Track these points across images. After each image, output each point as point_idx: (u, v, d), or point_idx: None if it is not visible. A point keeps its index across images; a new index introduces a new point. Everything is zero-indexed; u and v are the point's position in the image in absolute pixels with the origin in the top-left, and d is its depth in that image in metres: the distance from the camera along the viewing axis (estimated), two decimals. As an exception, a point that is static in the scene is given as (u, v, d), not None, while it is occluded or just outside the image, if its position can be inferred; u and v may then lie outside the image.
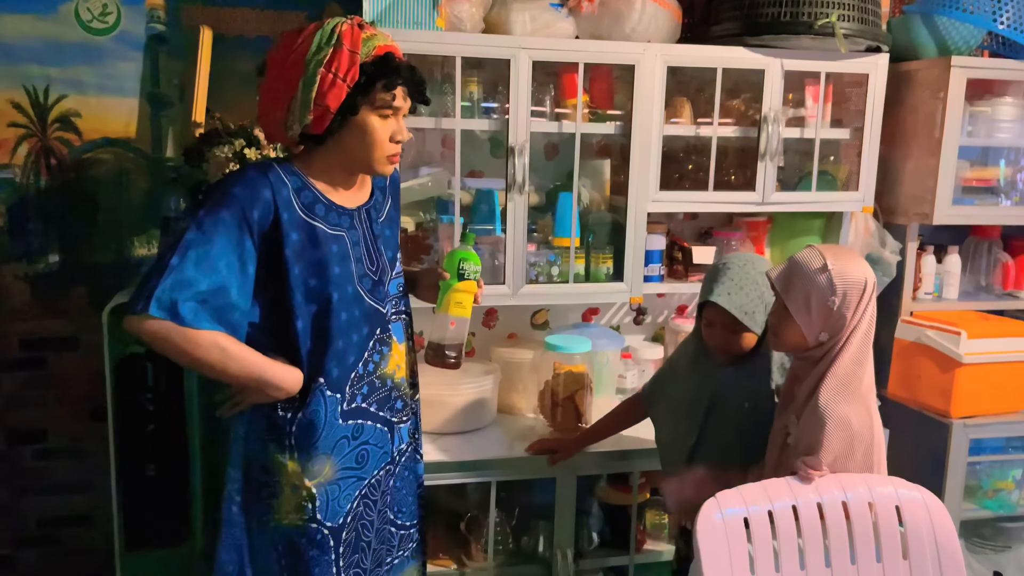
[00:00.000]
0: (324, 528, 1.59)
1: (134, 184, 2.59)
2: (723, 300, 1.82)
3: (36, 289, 2.58)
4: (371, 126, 1.53)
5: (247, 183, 1.49)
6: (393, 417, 1.70)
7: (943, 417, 2.48)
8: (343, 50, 1.47)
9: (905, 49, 2.60)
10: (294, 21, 2.60)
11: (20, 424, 2.62)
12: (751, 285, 1.83)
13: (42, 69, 2.48)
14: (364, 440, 1.65)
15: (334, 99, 1.47)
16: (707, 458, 1.94)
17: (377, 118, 1.53)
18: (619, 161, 2.46)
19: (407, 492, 1.80)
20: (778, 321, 1.73)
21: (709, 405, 1.93)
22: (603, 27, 2.30)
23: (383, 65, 1.50)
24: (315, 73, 1.46)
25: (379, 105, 1.52)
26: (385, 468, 1.70)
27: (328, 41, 1.48)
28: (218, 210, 1.47)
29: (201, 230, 1.45)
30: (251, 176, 1.51)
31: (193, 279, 1.44)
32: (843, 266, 1.63)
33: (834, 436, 1.61)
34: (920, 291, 2.71)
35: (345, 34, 1.48)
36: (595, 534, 2.36)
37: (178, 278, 1.43)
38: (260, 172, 1.52)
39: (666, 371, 2.15)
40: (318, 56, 1.47)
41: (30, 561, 2.68)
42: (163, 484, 2.11)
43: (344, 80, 1.47)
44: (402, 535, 1.80)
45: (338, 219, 1.59)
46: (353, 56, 1.47)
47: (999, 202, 2.72)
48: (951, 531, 1.63)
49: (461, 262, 1.69)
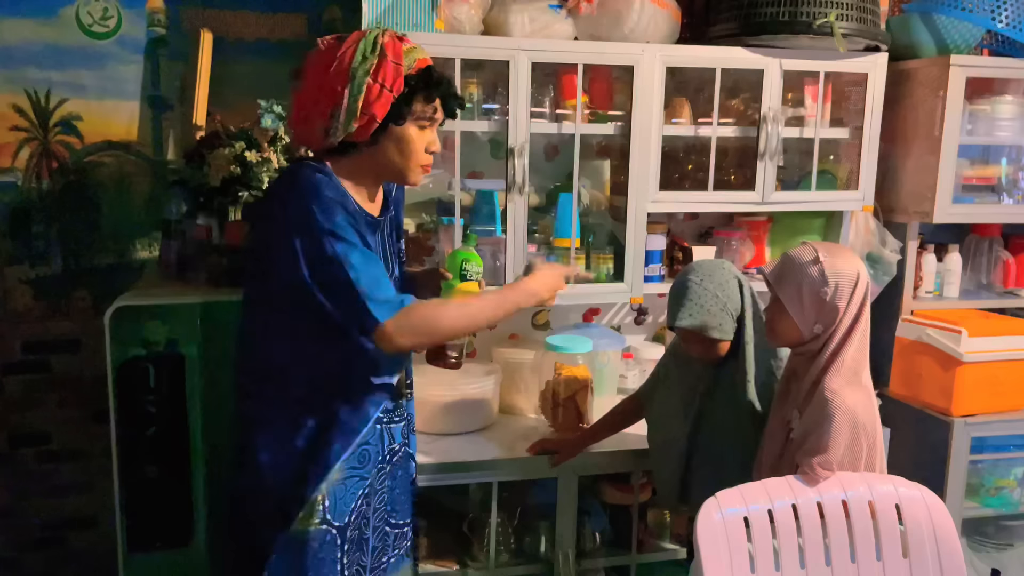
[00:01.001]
0: (332, 528, 1.62)
1: (135, 187, 2.60)
2: (687, 323, 1.87)
3: (38, 292, 2.59)
4: (410, 136, 1.56)
5: (330, 186, 1.51)
6: (384, 417, 1.72)
7: (944, 415, 2.48)
8: (388, 61, 1.50)
9: (904, 48, 2.60)
10: (294, 23, 2.61)
11: (23, 427, 2.62)
12: (711, 300, 1.87)
13: (43, 73, 2.48)
14: (365, 440, 1.66)
15: (380, 109, 1.50)
16: (701, 460, 1.97)
17: (416, 128, 1.57)
18: (619, 161, 2.46)
19: (400, 491, 1.81)
20: (773, 316, 1.76)
21: (700, 406, 1.97)
22: (602, 28, 2.31)
23: (426, 78, 1.54)
24: (362, 83, 1.49)
25: (419, 116, 1.56)
26: (379, 467, 1.72)
27: (372, 51, 1.50)
28: (333, 216, 1.47)
29: (341, 238, 1.47)
30: (322, 180, 1.51)
31: (377, 273, 1.49)
32: (834, 259, 1.68)
33: (843, 428, 1.62)
34: (921, 290, 2.71)
35: (388, 45, 1.51)
36: (597, 534, 2.36)
37: (368, 281, 1.46)
38: (323, 175, 1.52)
39: (660, 372, 2.18)
40: (364, 66, 1.49)
41: (34, 563, 2.69)
42: (165, 486, 2.11)
43: (391, 91, 1.50)
44: (396, 533, 1.81)
45: (370, 229, 1.59)
46: (398, 68, 1.51)
47: (999, 200, 2.72)
48: (951, 529, 1.63)
49: (463, 263, 1.70)
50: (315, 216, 1.47)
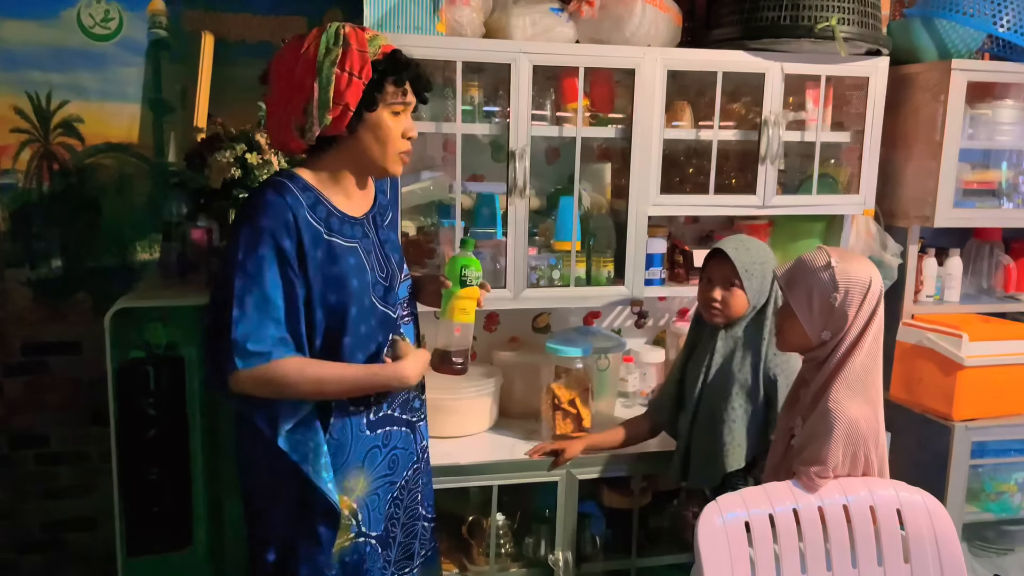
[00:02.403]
0: (371, 539, 1.63)
1: (136, 189, 2.60)
2: (729, 250, 1.98)
3: (39, 294, 2.59)
4: (385, 122, 1.56)
5: (271, 213, 1.50)
6: (413, 417, 1.73)
7: (945, 420, 2.48)
8: (352, 49, 1.50)
9: (905, 52, 2.60)
10: (295, 26, 2.61)
11: (23, 428, 2.62)
12: (758, 251, 2.02)
13: (44, 75, 2.49)
14: (393, 445, 1.68)
15: (352, 96, 1.50)
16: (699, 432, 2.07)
17: (389, 114, 1.57)
18: (620, 165, 2.46)
19: (431, 487, 1.85)
20: (782, 320, 1.75)
21: (705, 377, 2.06)
22: (603, 31, 2.31)
23: (393, 62, 1.54)
24: (330, 73, 1.49)
25: (391, 101, 1.56)
26: (413, 468, 1.74)
27: (336, 42, 1.51)
28: (255, 249, 1.48)
29: (247, 275, 1.48)
30: (271, 202, 1.51)
31: (259, 321, 1.47)
32: (847, 265, 1.65)
33: (841, 440, 1.61)
34: (921, 294, 2.71)
35: (351, 35, 1.52)
36: (597, 538, 2.35)
37: (247, 327, 1.46)
38: (278, 195, 1.52)
39: (667, 382, 2.25)
40: (330, 57, 1.50)
41: (33, 566, 2.68)
42: (165, 488, 2.11)
43: (360, 77, 1.50)
44: (432, 528, 1.84)
45: (351, 230, 1.59)
46: (363, 55, 1.51)
47: (1000, 204, 2.71)
48: (952, 534, 1.63)
49: (463, 268, 1.70)
50: (239, 243, 1.49)
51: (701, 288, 2.08)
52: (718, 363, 2.05)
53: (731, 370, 2.03)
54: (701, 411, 2.07)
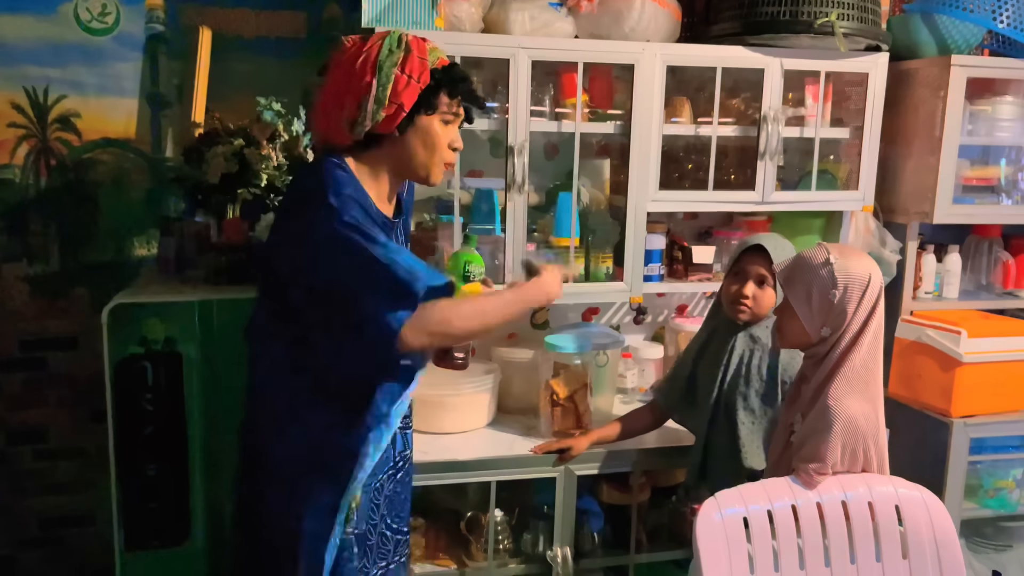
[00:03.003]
0: (352, 536, 1.63)
1: (134, 184, 2.59)
2: (769, 247, 1.95)
3: (36, 289, 2.58)
4: (435, 130, 1.60)
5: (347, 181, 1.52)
6: (399, 423, 1.72)
7: (943, 416, 2.48)
8: (414, 55, 1.55)
9: (905, 48, 2.59)
10: (293, 21, 2.60)
11: (21, 424, 2.62)
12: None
13: (41, 70, 2.48)
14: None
15: (408, 98, 1.53)
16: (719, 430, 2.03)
17: (440, 122, 1.60)
18: (619, 160, 2.45)
19: (405, 497, 1.81)
20: (781, 316, 1.74)
21: (723, 376, 2.03)
22: (602, 26, 2.30)
23: (450, 73, 1.59)
24: (390, 73, 1.53)
25: (443, 110, 1.59)
26: (388, 472, 1.72)
27: (398, 46, 1.55)
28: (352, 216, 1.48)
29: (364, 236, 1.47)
30: (340, 177, 1.52)
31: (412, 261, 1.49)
32: (847, 261, 1.65)
33: (841, 436, 1.61)
34: (920, 290, 2.71)
35: (413, 42, 1.57)
36: (595, 534, 2.35)
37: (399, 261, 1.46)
38: (343, 171, 1.54)
39: (678, 368, 2.22)
40: (392, 58, 1.53)
41: (31, 561, 2.68)
42: (163, 484, 2.11)
43: (418, 81, 1.54)
44: (398, 540, 1.81)
45: (386, 232, 1.58)
46: (423, 62, 1.55)
47: (999, 201, 2.71)
48: (951, 530, 1.63)
49: (466, 264, 1.70)
50: (334, 218, 1.47)
51: (729, 282, 2.05)
52: (735, 363, 2.03)
53: (749, 371, 2.01)
54: (719, 412, 2.04)
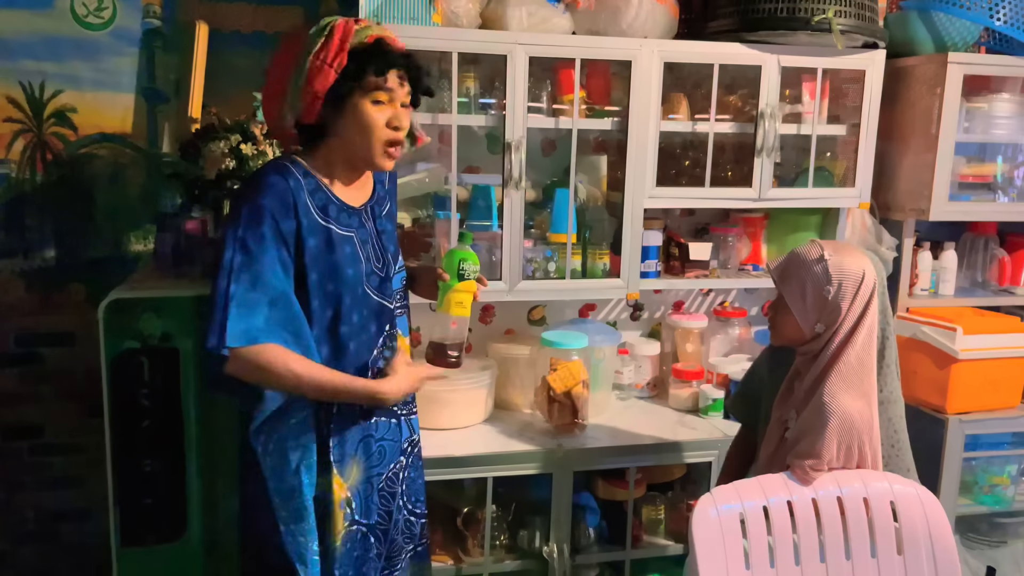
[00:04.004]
0: (363, 527, 1.65)
1: (130, 179, 2.59)
2: None
3: (32, 285, 2.58)
4: (365, 112, 1.54)
5: (273, 193, 1.50)
6: (402, 411, 1.73)
7: (939, 413, 2.48)
8: (333, 39, 1.51)
9: (902, 45, 2.59)
10: (290, 16, 2.60)
11: (17, 420, 2.61)
12: None
13: (37, 64, 2.47)
14: (381, 436, 1.69)
15: (320, 83, 1.50)
16: None
17: (370, 104, 1.55)
18: (616, 157, 2.45)
19: (421, 481, 1.84)
20: (775, 313, 1.75)
21: None
22: (600, 23, 2.30)
23: (373, 49, 1.53)
24: (304, 62, 1.50)
25: (370, 89, 1.53)
26: (399, 461, 1.73)
27: (321, 34, 1.52)
28: (256, 227, 1.48)
29: (246, 251, 1.48)
30: (274, 183, 1.51)
31: (255, 299, 1.47)
32: (841, 258, 1.65)
33: (836, 433, 1.61)
34: (916, 287, 2.72)
35: (338, 27, 1.53)
36: (591, 530, 2.36)
37: (241, 304, 1.46)
38: (281, 176, 1.53)
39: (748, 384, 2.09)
40: (310, 47, 1.51)
41: (27, 556, 2.68)
42: (159, 479, 2.11)
43: (331, 65, 1.50)
44: (422, 524, 1.84)
45: (348, 219, 1.60)
46: (342, 44, 1.51)
47: (996, 198, 2.72)
48: (946, 526, 1.63)
49: (461, 262, 1.70)
50: (240, 218, 1.49)
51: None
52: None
53: None
54: None
